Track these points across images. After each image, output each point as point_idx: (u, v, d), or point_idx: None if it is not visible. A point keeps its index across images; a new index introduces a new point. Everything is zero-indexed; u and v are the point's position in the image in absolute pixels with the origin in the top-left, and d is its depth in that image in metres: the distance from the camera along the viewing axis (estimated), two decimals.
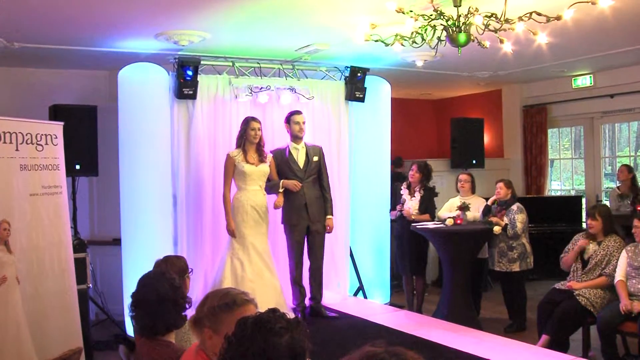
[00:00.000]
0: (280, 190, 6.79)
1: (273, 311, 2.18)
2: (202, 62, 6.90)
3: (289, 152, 6.99)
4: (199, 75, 6.87)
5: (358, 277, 7.90)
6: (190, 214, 7.00)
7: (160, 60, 6.89)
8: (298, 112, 7.01)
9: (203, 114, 7.04)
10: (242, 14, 5.78)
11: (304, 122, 6.98)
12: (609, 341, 5.60)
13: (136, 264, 6.30)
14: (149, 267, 3.95)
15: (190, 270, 4.16)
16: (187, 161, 6.99)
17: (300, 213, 6.90)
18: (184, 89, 6.77)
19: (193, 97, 6.87)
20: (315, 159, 7.02)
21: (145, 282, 3.25)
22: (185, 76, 6.73)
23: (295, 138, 6.99)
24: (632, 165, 9.63)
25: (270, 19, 5.97)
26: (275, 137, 7.35)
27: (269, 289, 6.57)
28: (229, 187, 6.68)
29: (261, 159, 6.73)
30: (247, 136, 6.64)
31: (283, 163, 6.94)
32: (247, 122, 6.70)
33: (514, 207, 7.21)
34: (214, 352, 2.52)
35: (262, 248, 6.70)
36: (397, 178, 8.93)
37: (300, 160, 6.99)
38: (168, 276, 3.24)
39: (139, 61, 6.84)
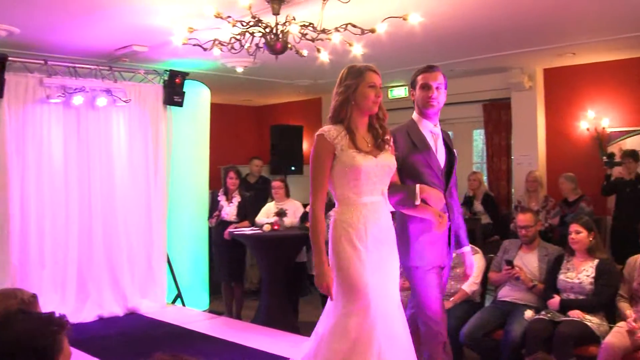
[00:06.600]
0: (417, 202, 3.71)
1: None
2: (10, 59, 6.42)
3: (423, 137, 3.98)
4: (6, 73, 6.39)
5: (176, 285, 7.76)
6: None
7: None
8: (432, 69, 4.17)
9: (10, 115, 6.57)
10: (53, 9, 5.52)
11: (439, 87, 4.05)
12: None
13: None
14: None
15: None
16: None
17: (441, 245, 3.93)
18: None
19: None
20: (455, 152, 4.19)
21: None
22: None
23: (430, 115, 4.03)
24: None
25: (86, 16, 5.75)
26: (90, 145, 7.06)
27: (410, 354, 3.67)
28: (322, 197, 3.69)
29: (380, 143, 3.62)
30: (361, 99, 3.55)
31: (414, 155, 3.90)
32: (360, 72, 3.60)
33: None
34: None
35: (394, 297, 3.67)
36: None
37: (440, 153, 4.01)
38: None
39: None
